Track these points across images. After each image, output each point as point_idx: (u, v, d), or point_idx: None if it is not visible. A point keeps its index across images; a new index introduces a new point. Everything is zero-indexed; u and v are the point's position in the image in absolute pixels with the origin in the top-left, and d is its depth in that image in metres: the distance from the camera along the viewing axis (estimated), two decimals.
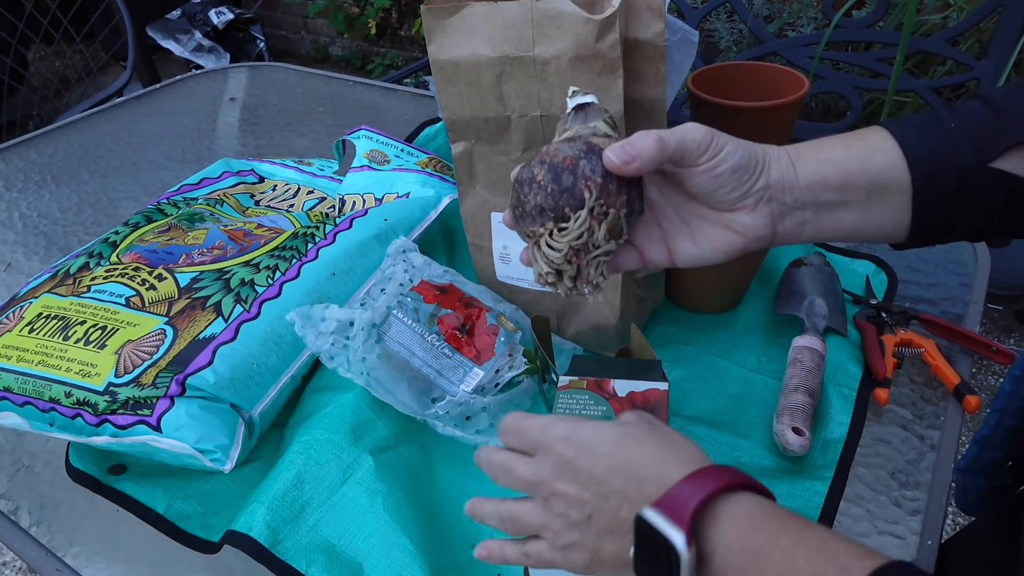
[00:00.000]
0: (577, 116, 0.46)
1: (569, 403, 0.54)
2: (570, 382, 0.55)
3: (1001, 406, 0.44)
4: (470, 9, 0.62)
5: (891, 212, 0.45)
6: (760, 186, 0.44)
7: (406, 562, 0.54)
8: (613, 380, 0.54)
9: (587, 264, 0.43)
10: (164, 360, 0.62)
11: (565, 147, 0.42)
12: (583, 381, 0.55)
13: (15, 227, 1.06)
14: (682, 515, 0.33)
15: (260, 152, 1.23)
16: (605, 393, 0.54)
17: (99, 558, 0.60)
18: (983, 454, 0.48)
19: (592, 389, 0.54)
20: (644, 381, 0.54)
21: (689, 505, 0.33)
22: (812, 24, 2.11)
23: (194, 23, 3.43)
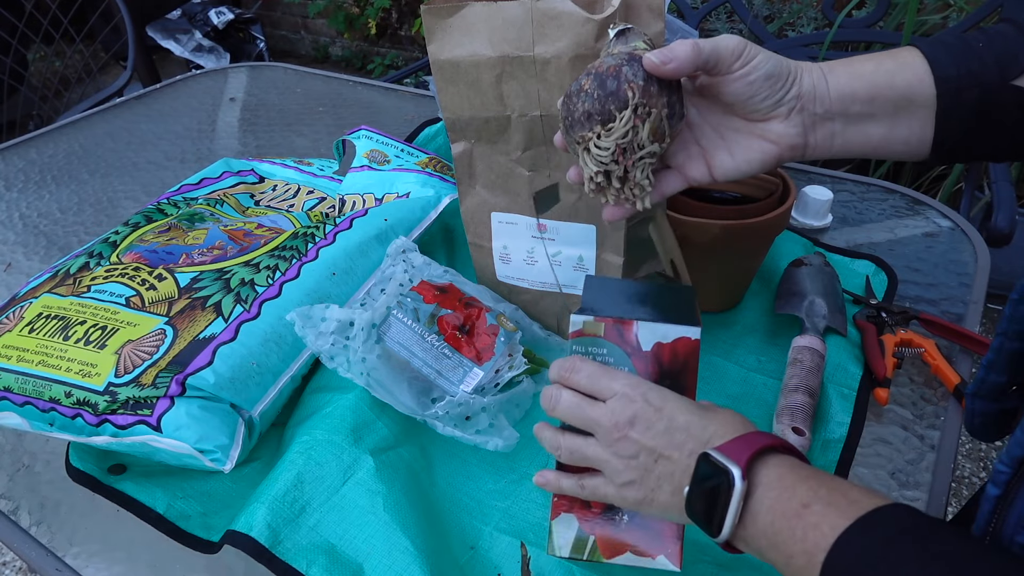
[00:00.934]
0: (619, 40, 0.48)
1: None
2: (584, 325, 0.47)
3: (1003, 329, 0.47)
4: (470, 9, 0.62)
5: (916, 126, 0.49)
6: (792, 95, 0.48)
7: (406, 562, 0.54)
8: (637, 323, 0.47)
9: (633, 165, 0.45)
10: (164, 360, 0.62)
11: (609, 59, 0.45)
12: (600, 324, 0.47)
13: (15, 227, 1.06)
14: (741, 457, 0.41)
15: (260, 152, 1.23)
16: (627, 345, 0.48)
17: (99, 558, 0.60)
18: (988, 377, 0.50)
19: (611, 338, 0.48)
20: (673, 325, 0.47)
21: (747, 451, 0.41)
22: (812, 24, 2.11)
23: (194, 23, 3.43)
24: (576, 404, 0.47)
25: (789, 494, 0.40)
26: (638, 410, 0.45)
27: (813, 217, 0.95)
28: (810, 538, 0.38)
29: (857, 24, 1.64)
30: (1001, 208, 1.23)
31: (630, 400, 0.45)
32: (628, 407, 0.45)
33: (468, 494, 0.63)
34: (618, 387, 0.46)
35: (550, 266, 0.73)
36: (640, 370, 0.48)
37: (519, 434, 0.65)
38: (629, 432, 0.45)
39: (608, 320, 0.47)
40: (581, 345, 0.48)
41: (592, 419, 0.47)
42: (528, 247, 0.73)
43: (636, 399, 0.45)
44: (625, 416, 0.45)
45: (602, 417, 0.46)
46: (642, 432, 0.45)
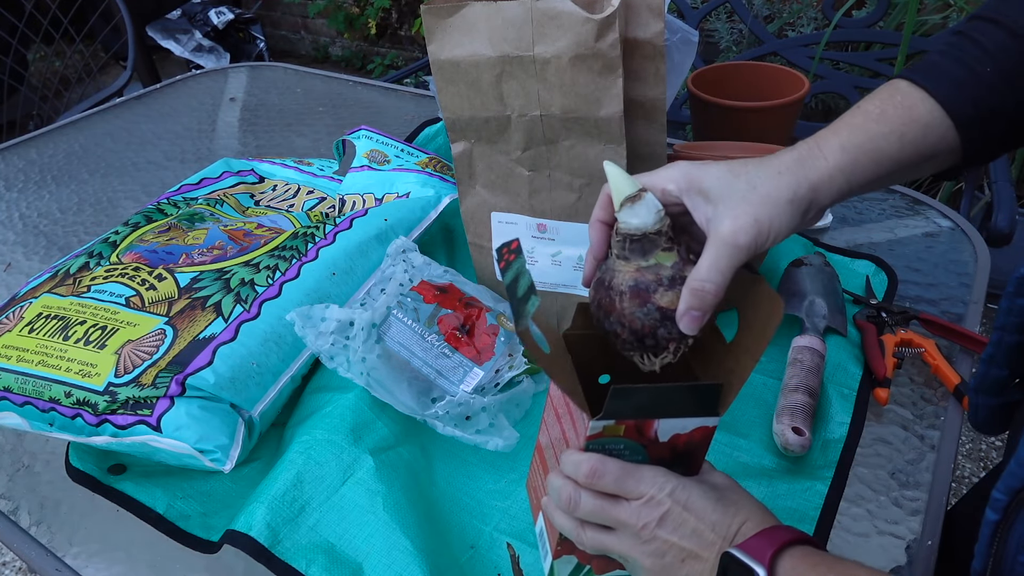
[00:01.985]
0: (634, 249, 0.47)
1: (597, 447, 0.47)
2: (604, 429, 0.46)
3: (1000, 323, 0.47)
4: (470, 9, 0.62)
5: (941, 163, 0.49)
6: (811, 219, 0.48)
7: (406, 562, 0.54)
8: (658, 422, 0.46)
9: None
10: (164, 360, 0.62)
11: (639, 313, 0.46)
12: (620, 427, 0.46)
13: (15, 227, 1.06)
14: (764, 555, 0.42)
15: (260, 152, 1.23)
16: (644, 439, 0.47)
17: (99, 558, 0.60)
18: (990, 372, 0.50)
19: (630, 436, 0.46)
20: (693, 418, 0.46)
21: (769, 549, 0.42)
22: (812, 24, 2.12)
23: (194, 23, 3.43)
24: (600, 507, 0.46)
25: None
26: (667, 511, 0.45)
27: None
28: None
29: (857, 24, 1.64)
30: (1001, 208, 1.23)
31: (657, 502, 0.45)
32: (656, 508, 0.45)
33: (468, 494, 0.63)
34: (645, 488, 0.45)
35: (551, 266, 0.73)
36: (652, 456, 0.47)
37: (519, 434, 0.65)
38: (658, 532, 0.45)
39: (629, 423, 0.46)
40: (597, 444, 0.47)
41: (619, 520, 0.46)
42: (528, 247, 0.73)
43: (664, 500, 0.45)
44: (654, 517, 0.45)
45: (629, 518, 0.45)
46: (671, 532, 0.45)
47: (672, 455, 0.47)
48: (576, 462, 0.46)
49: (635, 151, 0.65)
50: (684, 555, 0.45)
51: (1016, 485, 0.40)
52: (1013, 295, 0.45)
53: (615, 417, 0.45)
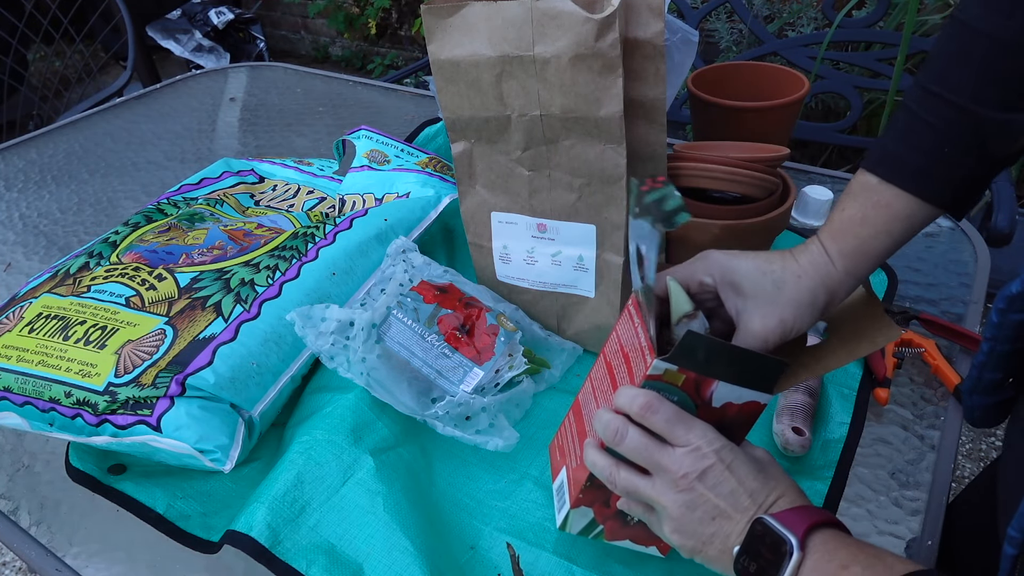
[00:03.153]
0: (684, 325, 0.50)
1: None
2: (665, 373, 0.46)
3: (991, 335, 0.49)
4: (470, 9, 0.62)
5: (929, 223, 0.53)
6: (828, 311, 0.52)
7: (406, 563, 0.54)
8: (717, 383, 0.47)
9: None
10: (164, 360, 0.61)
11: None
12: (681, 376, 0.46)
13: (15, 227, 1.06)
14: (799, 527, 0.42)
15: (260, 152, 1.23)
16: (699, 398, 0.47)
17: (99, 558, 0.60)
18: (983, 376, 0.52)
19: (687, 389, 0.47)
20: (750, 390, 0.47)
21: (805, 522, 0.43)
22: (812, 24, 2.11)
23: (194, 23, 3.43)
24: (645, 445, 0.47)
25: (830, 556, 0.42)
26: (710, 465, 0.45)
27: (813, 217, 0.95)
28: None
29: (857, 24, 1.64)
30: (1001, 208, 1.23)
31: (704, 454, 0.46)
32: (701, 460, 0.46)
33: (468, 494, 0.63)
34: (694, 439, 0.46)
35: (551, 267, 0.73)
36: (702, 417, 0.48)
37: (519, 434, 0.65)
38: (696, 484, 0.45)
39: (690, 373, 0.46)
40: (653, 387, 0.47)
41: (660, 464, 0.46)
42: (528, 247, 0.73)
43: (709, 455, 0.46)
44: (697, 468, 0.45)
45: (672, 464, 0.46)
46: (710, 487, 0.45)
47: (719, 423, 0.48)
48: (632, 395, 0.47)
49: (635, 151, 0.65)
50: (716, 513, 0.45)
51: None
52: (1005, 311, 0.47)
53: (681, 363, 0.46)
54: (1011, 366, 0.50)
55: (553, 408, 0.70)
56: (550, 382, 0.73)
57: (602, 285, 0.71)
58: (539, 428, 0.68)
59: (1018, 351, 0.49)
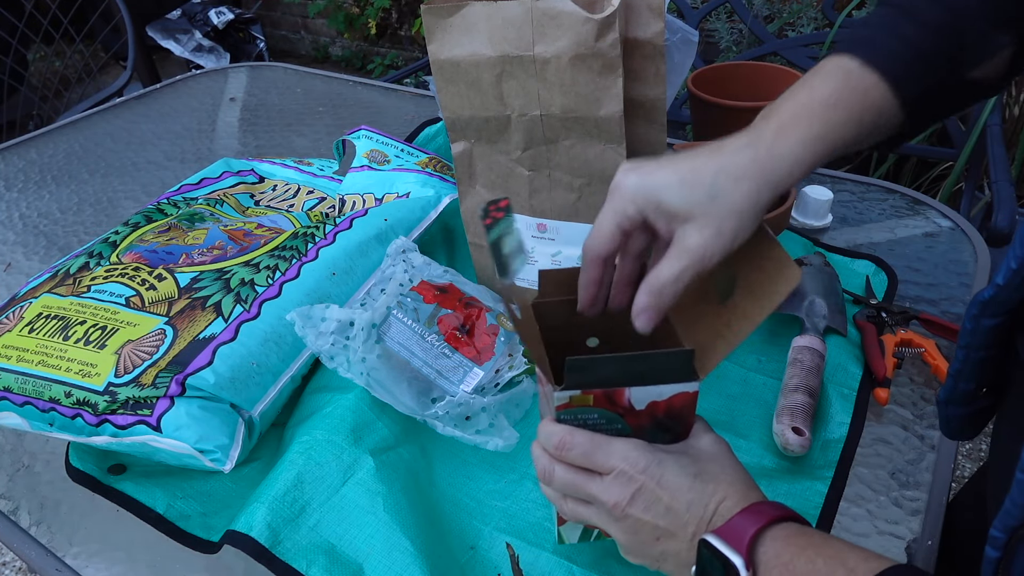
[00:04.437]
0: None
1: (573, 424, 0.46)
2: (571, 399, 0.45)
3: (965, 342, 0.47)
4: (470, 8, 0.62)
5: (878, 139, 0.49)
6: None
7: (406, 563, 0.54)
8: (628, 390, 0.44)
9: None
10: (164, 360, 0.61)
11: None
12: (589, 396, 0.45)
13: (15, 227, 1.06)
14: (741, 542, 0.40)
15: (260, 152, 1.23)
16: (618, 408, 0.45)
17: (99, 558, 0.60)
18: (958, 386, 0.51)
19: (602, 405, 0.45)
20: (668, 385, 0.45)
21: (747, 534, 0.40)
22: (812, 24, 2.12)
23: (194, 23, 3.43)
24: (571, 481, 0.46)
25: (790, 571, 0.39)
26: (638, 488, 0.44)
27: (813, 217, 0.95)
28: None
29: (857, 24, 1.64)
30: (1001, 208, 1.23)
31: (629, 478, 0.44)
32: (627, 485, 0.44)
33: (468, 494, 0.63)
34: (615, 463, 0.44)
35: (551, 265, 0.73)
36: (633, 424, 0.46)
37: (519, 434, 0.65)
38: (629, 510, 0.44)
39: (597, 392, 0.44)
40: (569, 414, 0.45)
41: (591, 495, 0.45)
42: (528, 247, 0.73)
43: (636, 477, 0.44)
44: (625, 495, 0.44)
45: (601, 494, 0.45)
46: (643, 510, 0.44)
47: (653, 423, 0.46)
48: (548, 433, 0.46)
49: (635, 151, 0.65)
50: (658, 533, 0.44)
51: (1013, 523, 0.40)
52: (978, 317, 0.45)
53: (579, 387, 0.44)
54: (985, 375, 0.49)
55: None
56: None
57: None
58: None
59: (991, 358, 0.47)
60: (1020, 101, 1.97)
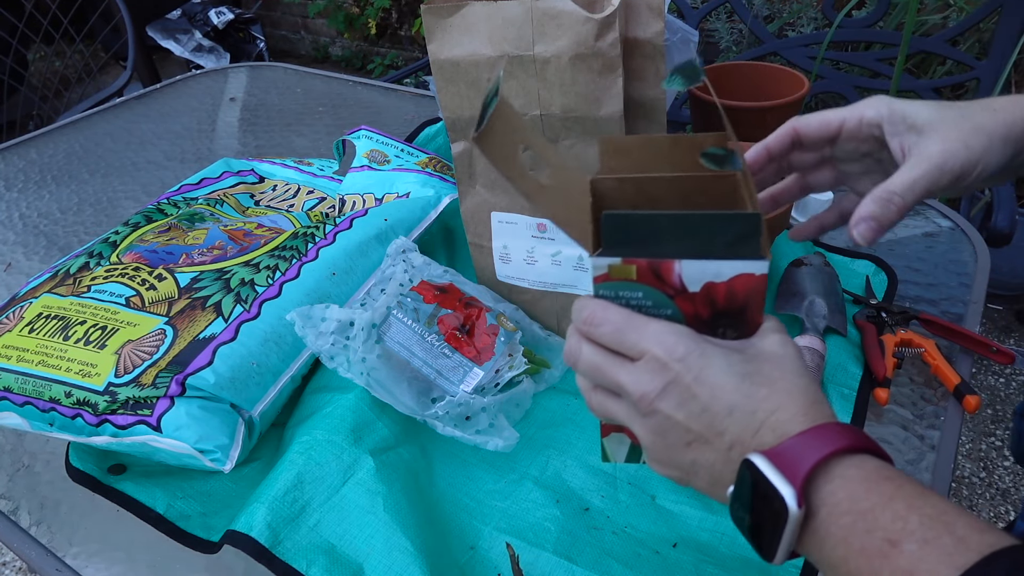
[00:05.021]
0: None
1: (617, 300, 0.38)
2: (609, 269, 0.37)
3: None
4: (470, 8, 0.62)
5: None
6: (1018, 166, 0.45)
7: (406, 563, 0.54)
8: (678, 263, 0.36)
9: None
10: (164, 360, 0.62)
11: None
12: (631, 267, 0.37)
13: (15, 227, 1.06)
14: (796, 472, 0.32)
15: (260, 152, 1.23)
16: (667, 287, 0.37)
17: (99, 558, 0.60)
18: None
19: (647, 281, 0.37)
20: (727, 261, 0.36)
21: (805, 463, 0.32)
22: (812, 24, 2.11)
23: (194, 23, 3.43)
24: (597, 365, 0.39)
25: (868, 524, 0.31)
26: (671, 379, 0.36)
27: None
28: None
29: (857, 24, 1.64)
30: (1001, 208, 1.23)
31: (662, 366, 0.36)
32: (659, 375, 0.36)
33: (468, 494, 0.63)
34: (648, 346, 0.37)
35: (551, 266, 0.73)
36: (687, 312, 0.38)
37: (519, 434, 0.65)
38: (658, 405, 0.36)
39: (640, 261, 0.36)
40: (609, 290, 0.38)
41: (617, 384, 0.38)
42: (528, 247, 0.73)
43: (670, 365, 0.36)
44: (655, 386, 0.36)
45: (628, 383, 0.37)
46: (675, 407, 0.36)
47: (712, 313, 0.38)
48: (579, 307, 0.39)
49: None
50: (690, 438, 0.36)
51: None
52: None
53: (620, 254, 0.36)
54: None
55: (553, 408, 0.70)
56: (550, 382, 0.73)
57: None
58: (539, 428, 0.68)
59: None
60: None
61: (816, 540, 0.32)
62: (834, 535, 0.32)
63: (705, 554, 0.57)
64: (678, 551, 0.57)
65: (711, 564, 0.56)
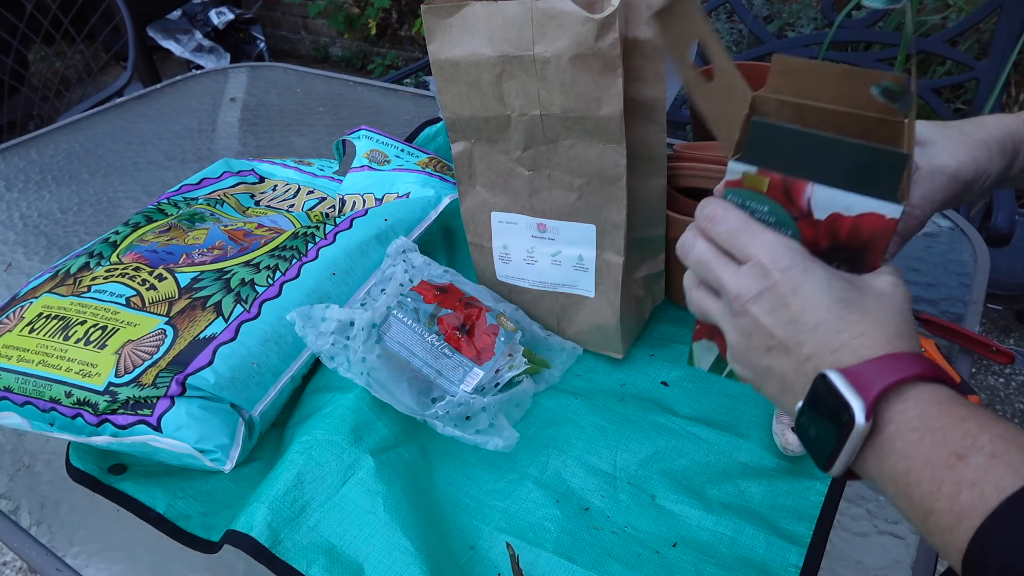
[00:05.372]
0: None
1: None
2: (744, 177, 0.38)
3: None
4: (470, 8, 0.62)
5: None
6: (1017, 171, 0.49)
7: (406, 562, 0.54)
8: (812, 186, 0.37)
9: None
10: (164, 360, 0.62)
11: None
12: (764, 179, 0.37)
13: (15, 227, 1.06)
14: (869, 389, 0.33)
15: (260, 152, 1.23)
16: (794, 208, 0.38)
17: (99, 558, 0.60)
18: None
19: (776, 197, 0.38)
20: (861, 196, 0.36)
21: (880, 382, 0.33)
22: (812, 24, 2.12)
23: (194, 23, 3.43)
24: (706, 260, 0.41)
25: (936, 439, 0.32)
26: (769, 286, 0.38)
27: None
28: (963, 498, 0.30)
29: (857, 24, 1.64)
30: (1001, 208, 1.23)
31: (764, 273, 0.38)
32: (759, 280, 0.38)
33: (468, 494, 0.63)
34: (756, 252, 0.38)
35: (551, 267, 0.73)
36: (807, 237, 0.39)
37: (519, 434, 0.65)
38: (750, 307, 0.38)
39: (775, 175, 0.37)
40: (737, 196, 0.39)
41: (719, 281, 0.40)
42: (528, 247, 0.73)
43: (772, 273, 0.38)
44: (752, 290, 0.38)
45: (729, 282, 0.39)
46: (765, 313, 0.38)
47: (831, 245, 0.38)
48: (704, 205, 0.42)
49: (635, 151, 0.65)
50: (771, 344, 0.38)
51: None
52: None
53: (757, 162, 0.37)
54: None
55: (553, 408, 0.70)
56: (550, 382, 0.73)
57: (602, 285, 0.71)
58: (539, 428, 0.69)
59: None
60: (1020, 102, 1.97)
61: (878, 455, 0.34)
62: (899, 450, 0.33)
63: (705, 554, 0.57)
64: (678, 551, 0.57)
65: (711, 564, 0.56)
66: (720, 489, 0.61)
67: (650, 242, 0.73)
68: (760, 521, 0.59)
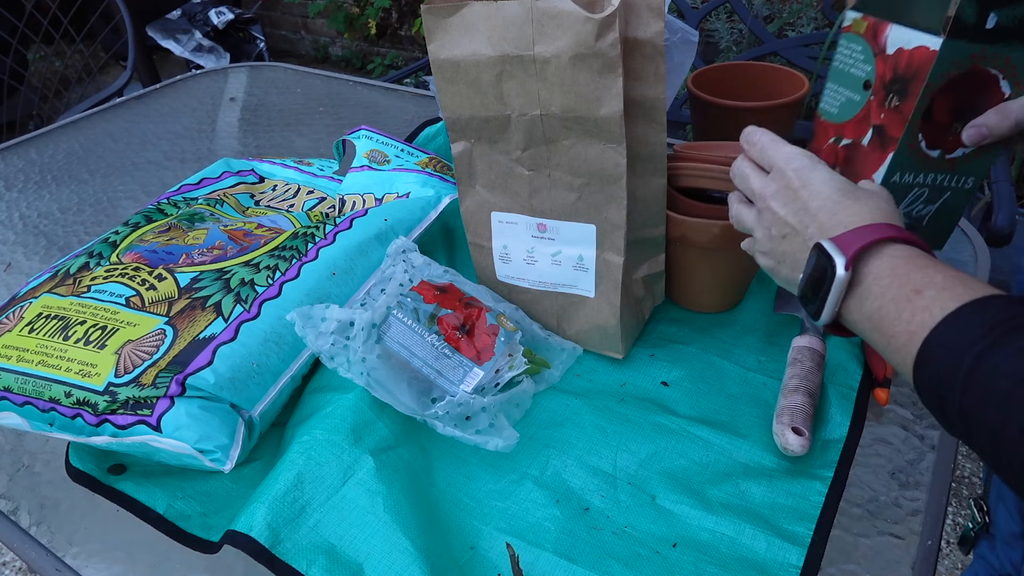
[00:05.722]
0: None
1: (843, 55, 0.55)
2: (853, 22, 0.53)
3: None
4: (470, 8, 0.62)
5: None
6: None
7: (406, 563, 0.54)
8: (890, 26, 0.50)
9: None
10: (164, 360, 0.62)
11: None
12: (864, 23, 0.52)
13: (15, 227, 1.06)
14: (850, 247, 0.41)
15: (260, 152, 1.23)
16: (876, 45, 0.52)
17: (99, 558, 0.60)
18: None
19: (867, 37, 0.52)
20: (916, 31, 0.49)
21: (858, 242, 0.41)
22: (812, 24, 2.12)
23: (194, 23, 3.43)
24: (745, 173, 0.51)
25: (901, 282, 0.40)
26: (785, 183, 0.47)
27: None
28: (916, 319, 0.38)
29: None
30: (1001, 208, 1.23)
31: (781, 174, 0.47)
32: (777, 179, 0.48)
33: (468, 494, 0.63)
34: (777, 159, 0.48)
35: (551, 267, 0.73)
36: (879, 70, 0.51)
37: (519, 434, 0.65)
38: (771, 202, 0.48)
39: (871, 19, 0.51)
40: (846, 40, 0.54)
41: (751, 188, 0.50)
42: (528, 247, 0.73)
43: (786, 172, 0.47)
44: (772, 188, 0.48)
45: (757, 186, 0.49)
46: (780, 205, 0.47)
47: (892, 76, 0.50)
48: (746, 132, 0.53)
49: (635, 151, 0.65)
50: (786, 231, 0.47)
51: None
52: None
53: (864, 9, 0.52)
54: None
55: (553, 408, 0.70)
56: (550, 382, 0.73)
57: (602, 285, 0.71)
58: (539, 428, 0.69)
59: None
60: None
61: (857, 300, 0.42)
62: (873, 293, 0.41)
63: (705, 554, 0.57)
64: (678, 551, 0.57)
65: (711, 564, 0.56)
66: (720, 489, 0.61)
67: (650, 242, 0.73)
68: (760, 521, 0.59)
